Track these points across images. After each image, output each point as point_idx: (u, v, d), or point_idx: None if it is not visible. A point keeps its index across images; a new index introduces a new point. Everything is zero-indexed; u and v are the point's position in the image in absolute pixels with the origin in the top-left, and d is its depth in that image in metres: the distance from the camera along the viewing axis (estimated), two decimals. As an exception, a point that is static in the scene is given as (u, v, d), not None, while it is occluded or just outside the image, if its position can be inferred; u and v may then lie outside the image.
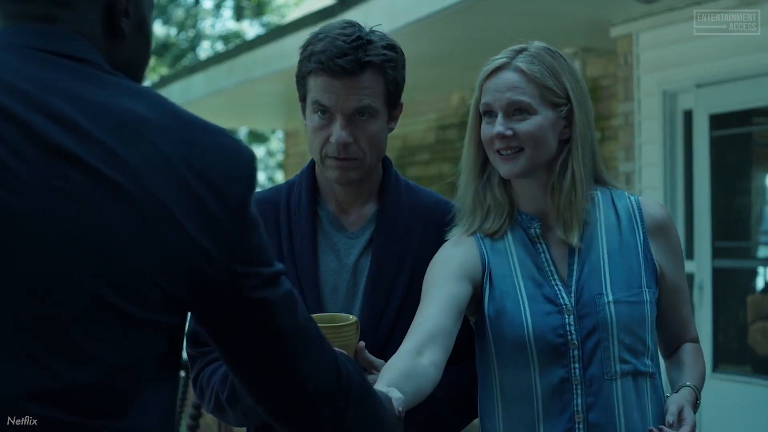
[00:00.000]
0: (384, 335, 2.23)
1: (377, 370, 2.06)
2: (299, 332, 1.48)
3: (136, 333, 1.33)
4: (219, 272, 1.38)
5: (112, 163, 1.31)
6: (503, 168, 2.20)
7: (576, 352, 2.16)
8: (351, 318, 2.11)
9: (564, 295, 2.19)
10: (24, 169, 1.29)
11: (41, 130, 1.30)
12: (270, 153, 25.33)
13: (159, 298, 1.33)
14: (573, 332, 2.16)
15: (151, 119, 1.35)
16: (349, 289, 2.27)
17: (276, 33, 9.44)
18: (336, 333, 2.04)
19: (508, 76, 2.19)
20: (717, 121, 6.50)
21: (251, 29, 24.45)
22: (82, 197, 1.30)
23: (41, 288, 1.28)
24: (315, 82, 2.22)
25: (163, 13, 23.73)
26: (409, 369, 1.97)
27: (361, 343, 2.08)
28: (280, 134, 19.51)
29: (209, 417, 6.20)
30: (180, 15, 24.04)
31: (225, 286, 1.39)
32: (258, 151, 25.45)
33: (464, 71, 8.40)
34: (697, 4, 6.34)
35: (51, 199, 1.29)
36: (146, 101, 1.37)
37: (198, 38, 24.28)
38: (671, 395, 2.21)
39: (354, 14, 7.03)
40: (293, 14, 16.03)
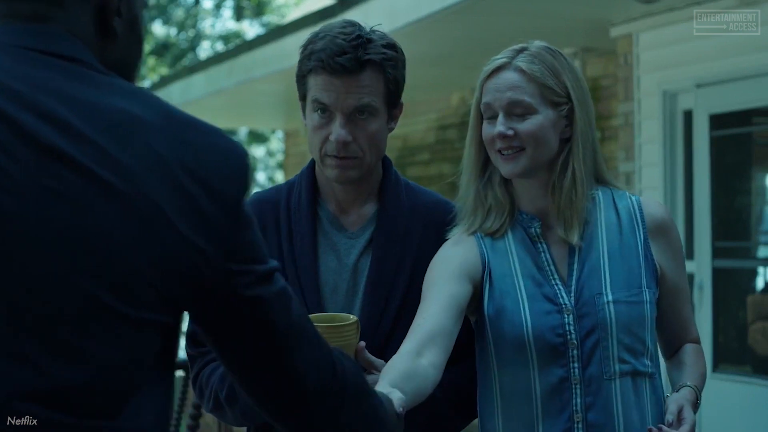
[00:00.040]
0: (384, 335, 2.23)
1: (377, 370, 2.06)
2: (294, 329, 1.48)
3: (131, 333, 1.32)
4: (213, 271, 1.37)
5: (105, 163, 1.30)
6: (505, 168, 2.20)
7: (575, 352, 2.16)
8: (351, 318, 2.11)
9: (564, 295, 2.19)
10: (15, 169, 1.28)
11: (33, 130, 1.30)
12: (270, 153, 25.32)
13: (153, 298, 1.33)
14: (572, 332, 2.16)
15: (144, 119, 1.34)
16: (349, 289, 2.27)
17: (276, 33, 9.44)
18: (337, 333, 2.04)
19: (509, 76, 2.19)
20: (717, 121, 6.50)
21: (251, 29, 24.45)
22: (75, 197, 1.29)
23: (34, 288, 1.28)
24: (315, 81, 2.22)
25: (163, 13, 23.71)
26: (409, 370, 1.97)
27: (362, 343, 2.08)
28: (280, 134, 19.50)
29: (209, 417, 6.20)
30: (180, 15, 24.03)
31: (219, 285, 1.39)
32: (258, 151, 25.43)
33: (464, 71, 8.39)
34: (697, 4, 6.34)
35: (43, 199, 1.28)
36: (139, 101, 1.36)
37: (198, 38, 24.27)
38: (671, 395, 2.21)
39: (354, 14, 7.02)
40: (293, 14, 16.02)
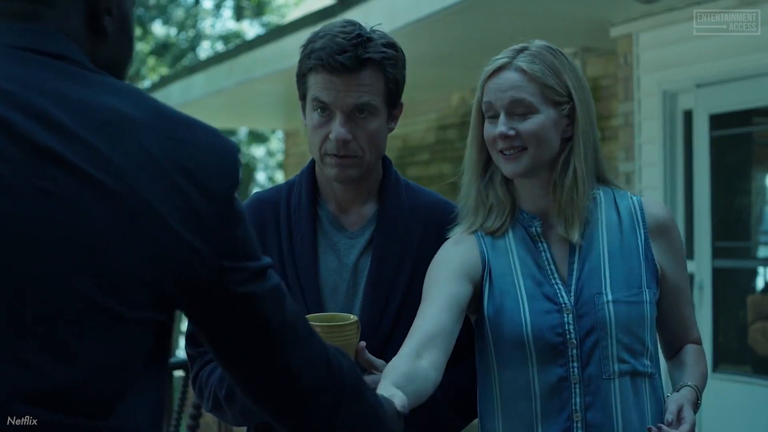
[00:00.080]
0: (384, 335, 2.23)
1: (378, 370, 2.06)
2: (288, 326, 1.48)
3: (125, 331, 1.32)
4: (207, 268, 1.37)
5: (96, 162, 1.30)
6: (507, 167, 2.20)
7: (574, 351, 2.16)
8: (352, 318, 2.11)
9: (563, 294, 2.19)
10: (7, 169, 1.28)
11: (24, 130, 1.29)
12: (270, 153, 25.31)
13: (147, 296, 1.33)
14: (572, 331, 2.16)
15: (135, 117, 1.34)
16: (349, 289, 2.27)
17: (276, 33, 9.44)
18: (337, 332, 2.04)
19: (510, 76, 2.19)
20: (717, 121, 6.50)
21: (251, 29, 24.44)
22: (67, 197, 1.29)
23: (28, 288, 1.28)
24: (315, 80, 2.22)
25: (163, 13, 23.70)
26: (410, 371, 1.97)
27: (362, 343, 2.08)
28: (280, 134, 19.50)
29: (209, 417, 6.20)
30: (180, 15, 24.02)
31: (213, 282, 1.39)
32: (258, 151, 25.43)
33: (464, 71, 8.39)
34: (697, 4, 6.34)
35: (35, 199, 1.28)
36: (129, 99, 1.36)
37: (198, 38, 24.26)
38: (671, 394, 2.21)
39: (354, 14, 7.03)
40: (293, 14, 16.03)
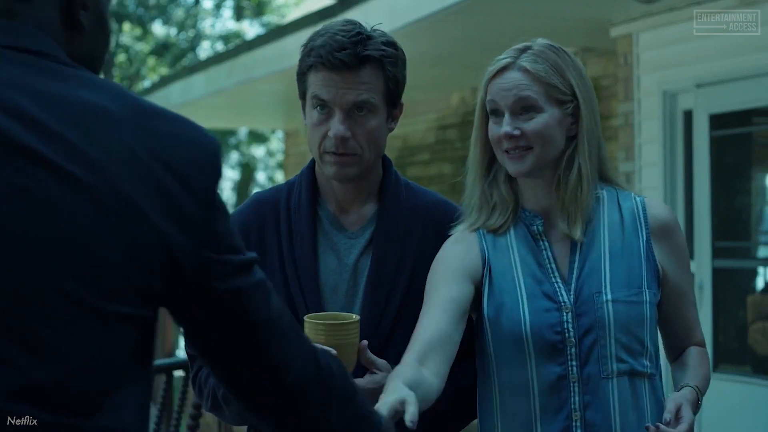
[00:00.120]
0: (384, 335, 2.23)
1: (380, 370, 2.07)
2: (274, 322, 1.46)
3: (108, 328, 1.31)
4: (190, 262, 1.36)
5: (74, 158, 1.29)
6: (512, 167, 2.20)
7: (573, 350, 2.16)
8: (354, 317, 2.11)
9: (563, 293, 2.19)
10: None
11: (1, 128, 1.28)
12: (270, 153, 25.32)
13: (129, 292, 1.32)
14: (570, 330, 2.16)
15: (113, 111, 1.33)
16: (349, 289, 2.27)
17: (276, 33, 9.44)
18: (339, 331, 2.04)
19: (513, 76, 2.19)
20: (717, 121, 6.50)
21: (251, 29, 24.45)
22: (45, 194, 1.28)
23: (7, 285, 1.26)
24: (315, 78, 2.23)
25: (163, 13, 23.71)
26: (412, 381, 1.96)
27: (364, 342, 2.08)
28: (280, 134, 19.50)
29: (209, 417, 6.20)
30: (180, 15, 24.02)
31: (197, 276, 1.38)
32: (258, 151, 25.43)
33: (464, 71, 8.40)
34: (697, 4, 6.34)
35: (12, 197, 1.27)
36: (106, 92, 1.35)
37: (198, 38, 24.27)
38: (671, 394, 2.21)
39: (354, 14, 7.03)
40: (293, 14, 16.03)
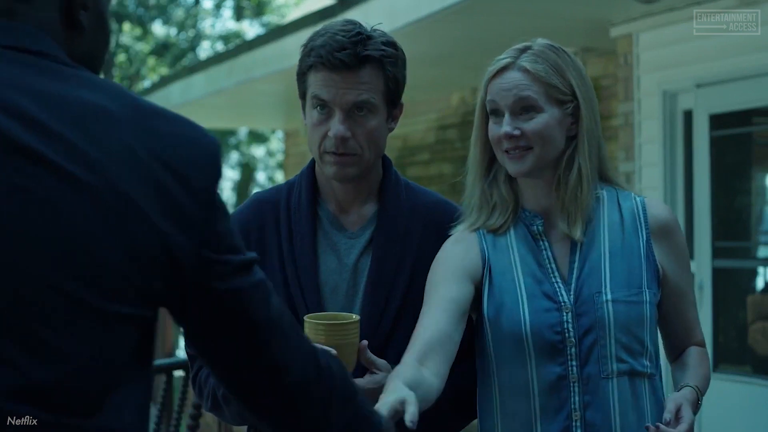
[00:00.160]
0: (384, 335, 2.23)
1: (380, 370, 2.07)
2: (273, 322, 1.46)
3: (108, 328, 1.30)
4: (190, 262, 1.36)
5: (74, 158, 1.29)
6: (512, 167, 2.20)
7: (573, 350, 2.16)
8: (354, 317, 2.11)
9: (563, 293, 2.19)
10: None
11: (2, 128, 1.28)
12: (270, 153, 25.32)
13: (130, 292, 1.32)
14: (570, 330, 2.16)
15: (112, 110, 1.33)
16: (349, 289, 2.27)
17: (276, 33, 9.44)
18: (340, 330, 2.04)
19: (514, 76, 2.19)
20: (717, 121, 6.50)
21: (251, 29, 24.45)
22: (45, 194, 1.28)
23: (8, 286, 1.26)
24: (315, 78, 2.23)
25: (163, 13, 23.71)
26: (412, 381, 1.96)
27: (364, 342, 2.08)
28: (280, 134, 19.50)
29: (209, 417, 6.20)
30: (180, 15, 24.02)
31: (197, 276, 1.37)
32: (258, 151, 25.42)
33: (464, 71, 8.40)
34: (697, 4, 6.34)
35: (12, 197, 1.27)
36: (106, 92, 1.35)
37: (198, 38, 24.26)
38: (671, 394, 2.21)
39: (354, 14, 7.03)
40: (293, 14, 16.03)
